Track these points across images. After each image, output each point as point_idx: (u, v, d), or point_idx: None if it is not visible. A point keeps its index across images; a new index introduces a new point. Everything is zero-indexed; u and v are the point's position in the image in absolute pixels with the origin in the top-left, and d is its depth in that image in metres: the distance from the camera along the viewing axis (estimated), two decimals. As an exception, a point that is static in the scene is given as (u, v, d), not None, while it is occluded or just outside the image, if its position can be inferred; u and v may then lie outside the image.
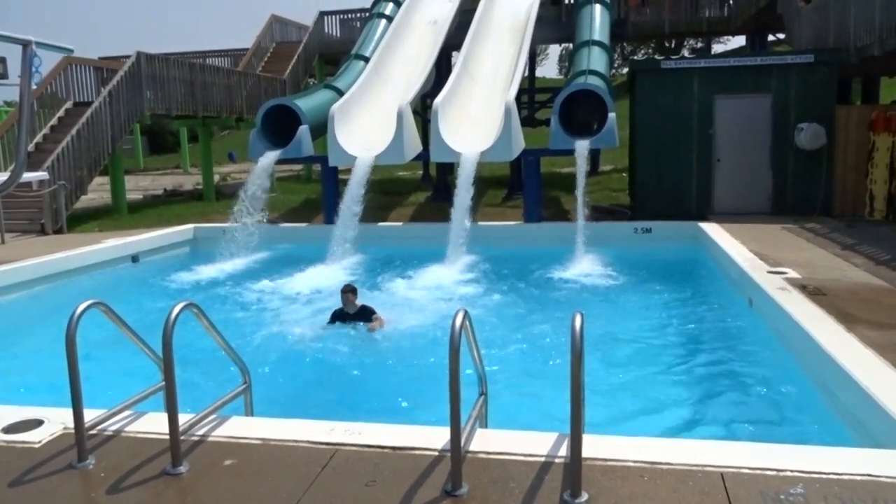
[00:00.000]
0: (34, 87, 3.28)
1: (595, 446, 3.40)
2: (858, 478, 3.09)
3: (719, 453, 3.33)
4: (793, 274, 7.41)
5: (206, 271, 10.93)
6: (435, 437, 3.58)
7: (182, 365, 4.03)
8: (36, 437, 3.87)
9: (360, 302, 7.53)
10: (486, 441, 3.56)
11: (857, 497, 2.95)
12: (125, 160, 18.78)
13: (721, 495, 3.00)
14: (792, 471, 3.14)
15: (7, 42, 3.23)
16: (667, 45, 43.69)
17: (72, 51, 3.98)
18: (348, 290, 7.48)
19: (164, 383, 4.01)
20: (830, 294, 6.50)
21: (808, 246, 9.33)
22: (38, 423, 4.05)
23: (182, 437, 3.56)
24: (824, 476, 3.10)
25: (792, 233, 10.40)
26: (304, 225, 14.00)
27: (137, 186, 22.90)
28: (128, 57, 16.92)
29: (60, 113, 16.24)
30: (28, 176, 3.51)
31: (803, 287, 6.76)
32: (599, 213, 13.50)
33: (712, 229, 10.59)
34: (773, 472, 3.15)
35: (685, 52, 44.34)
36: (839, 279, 7.21)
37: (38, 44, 3.30)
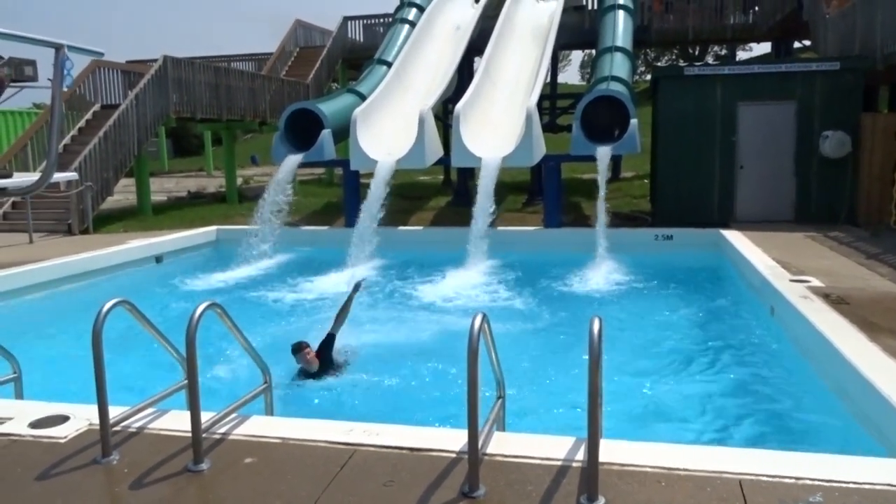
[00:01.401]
0: (65, 89, 3.37)
1: (612, 451, 3.40)
2: (879, 487, 3.06)
3: (738, 460, 3.32)
4: (816, 282, 7.34)
5: (229, 273, 11.05)
6: (453, 439, 3.60)
7: (203, 364, 4.11)
8: (62, 432, 3.95)
9: (314, 346, 6.12)
10: (503, 444, 3.57)
11: (877, 507, 2.93)
12: (150, 162, 19.04)
13: (739, 502, 2.99)
14: (811, 479, 3.12)
15: (40, 45, 3.30)
16: (690, 51, 43.48)
17: (102, 54, 4.06)
18: (299, 350, 5.97)
19: (186, 381, 4.09)
20: (854, 303, 6.43)
21: (831, 254, 9.23)
22: (64, 418, 4.13)
23: (204, 435, 3.61)
24: (844, 485, 3.08)
25: (815, 241, 10.30)
26: (325, 228, 14.10)
27: (162, 188, 23.20)
28: (154, 61, 17.18)
29: (88, 115, 16.53)
30: (58, 176, 3.61)
31: (826, 296, 6.69)
32: (620, 219, 13.45)
33: (734, 237, 10.51)
34: (792, 480, 3.13)
35: (709, 59, 44.08)
36: (863, 288, 7.13)
37: (70, 47, 3.38)
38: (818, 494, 3.02)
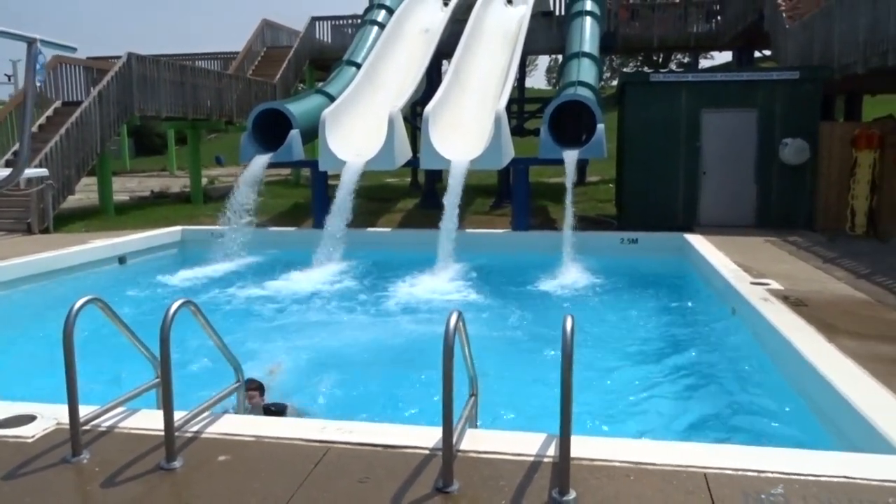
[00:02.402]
0: (38, 84, 3.34)
1: (583, 447, 3.48)
2: (836, 479, 3.19)
3: (703, 454, 3.43)
4: (775, 285, 7.55)
5: (194, 273, 10.93)
6: (427, 437, 3.64)
7: (174, 362, 4.07)
8: (29, 432, 3.89)
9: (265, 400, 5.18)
10: (476, 441, 3.63)
11: (834, 498, 3.05)
12: (112, 161, 18.69)
13: (704, 495, 3.09)
14: (773, 472, 3.24)
15: (13, 39, 3.27)
16: (655, 58, 44.20)
17: (75, 49, 4.02)
18: (252, 389, 5.05)
19: (159, 380, 4.07)
20: (812, 305, 6.64)
21: (790, 258, 9.50)
22: (30, 418, 4.07)
23: (176, 434, 3.59)
24: (803, 478, 3.20)
25: (775, 245, 10.58)
26: (293, 229, 14.03)
27: (124, 188, 22.81)
28: (118, 57, 16.90)
29: (49, 112, 16.18)
30: (30, 172, 3.56)
31: (785, 298, 6.90)
32: (586, 222, 13.64)
33: (697, 241, 10.74)
34: (755, 473, 3.24)
35: (672, 66, 44.89)
36: (820, 291, 7.36)
37: (43, 42, 3.35)
38: (779, 486, 3.14)
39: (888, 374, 4.55)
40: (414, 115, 17.49)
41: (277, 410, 4.98)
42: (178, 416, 3.72)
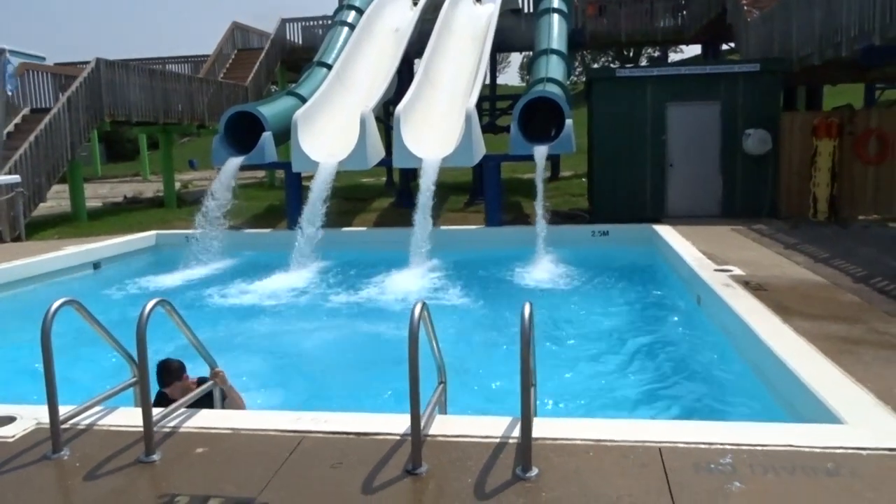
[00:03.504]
0: (10, 92, 3.43)
1: (546, 427, 3.66)
2: (781, 448, 3.40)
3: (658, 431, 3.62)
4: (738, 272, 7.80)
5: (170, 277, 10.98)
6: (397, 423, 3.80)
7: (150, 361, 4.18)
8: (9, 432, 3.98)
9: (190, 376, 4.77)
10: (444, 426, 3.79)
11: (779, 465, 3.26)
12: (83, 168, 18.59)
13: (658, 467, 3.28)
14: (722, 444, 3.44)
15: (-19, 50, 3.36)
16: (625, 53, 44.71)
17: (44, 58, 4.13)
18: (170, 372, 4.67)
19: (136, 378, 4.19)
20: (771, 290, 6.89)
21: (753, 246, 9.78)
22: (10, 419, 4.16)
23: (154, 429, 3.71)
24: (751, 447, 3.41)
25: (740, 234, 10.87)
26: (267, 231, 14.10)
27: (96, 194, 22.65)
28: (87, 63, 16.82)
29: (17, 120, 16.05)
30: (2, 179, 3.63)
31: (746, 283, 7.14)
32: (559, 217, 13.87)
33: (665, 231, 11.00)
34: (706, 446, 3.44)
35: (643, 61, 45.40)
36: (780, 276, 7.63)
37: (12, 52, 3.44)
38: (728, 456, 3.34)
39: (836, 352, 4.79)
40: (386, 114, 17.61)
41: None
42: (156, 412, 3.84)
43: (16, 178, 4.12)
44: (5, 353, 6.91)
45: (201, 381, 4.68)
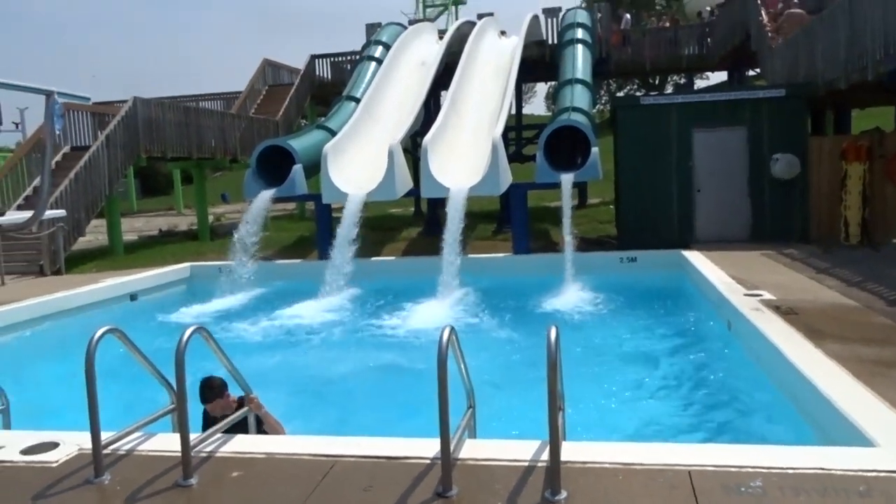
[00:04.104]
0: (57, 132, 3.64)
1: (574, 451, 3.69)
2: (812, 471, 3.39)
3: (687, 453, 3.63)
4: (768, 296, 7.76)
5: (204, 308, 11.20)
6: (427, 448, 3.85)
7: (188, 388, 4.30)
8: (53, 457, 4.12)
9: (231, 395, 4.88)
10: (474, 449, 3.84)
11: (810, 488, 3.25)
12: (119, 202, 19.11)
13: (687, 489, 3.29)
14: (752, 467, 3.44)
15: (33, 93, 3.59)
16: (650, 81, 44.75)
17: (89, 99, 4.36)
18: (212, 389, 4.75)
19: (174, 405, 4.31)
20: (802, 314, 6.84)
21: (784, 270, 9.71)
22: (54, 445, 4.30)
23: (191, 454, 3.82)
24: (781, 470, 3.40)
25: (770, 258, 10.79)
26: (298, 261, 14.31)
27: (132, 228, 23.20)
28: (124, 102, 17.39)
29: (58, 157, 16.61)
30: (50, 213, 3.85)
31: (777, 308, 7.10)
32: (587, 244, 13.89)
33: (694, 257, 10.96)
34: (736, 469, 3.44)
35: (669, 88, 45.38)
36: (812, 300, 7.57)
37: (60, 94, 3.67)
38: (758, 479, 3.34)
39: (868, 375, 4.75)
40: (413, 145, 17.87)
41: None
42: (193, 437, 3.95)
43: (61, 212, 4.38)
44: (48, 381, 7.11)
45: (241, 400, 4.76)
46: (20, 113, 35.33)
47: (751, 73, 25.40)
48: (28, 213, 3.58)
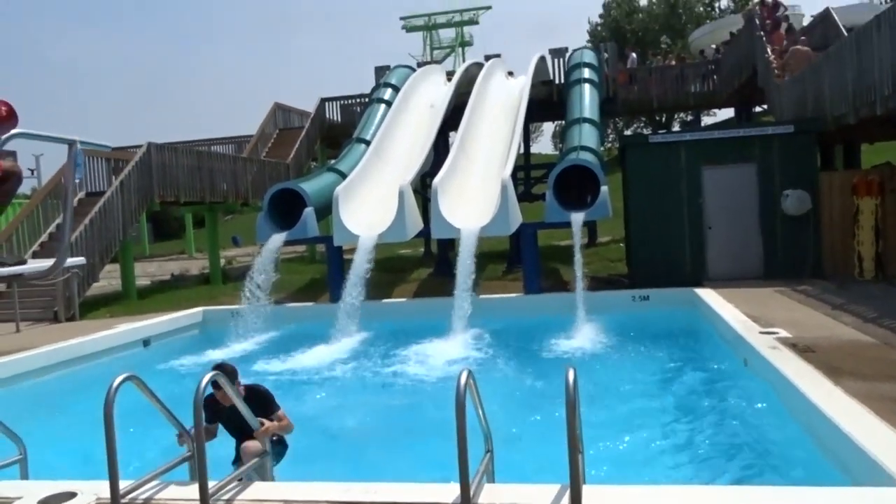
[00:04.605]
0: (77, 180, 3.70)
1: (595, 494, 3.64)
2: (839, 514, 3.33)
3: (709, 496, 3.58)
4: (784, 333, 7.70)
5: (217, 352, 11.19)
6: (446, 493, 3.81)
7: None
8: (71, 507, 4.11)
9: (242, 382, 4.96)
10: (493, 494, 3.80)
11: (837, 531, 3.19)
12: (132, 247, 19.27)
13: (712, 534, 3.24)
14: (777, 510, 3.39)
15: (56, 142, 3.67)
16: (657, 118, 45.14)
17: (109, 148, 4.43)
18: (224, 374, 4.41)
19: (191, 452, 4.30)
20: (819, 351, 6.78)
21: (799, 307, 9.64)
22: (71, 495, 4.28)
23: (209, 501, 3.80)
24: (807, 513, 3.35)
25: (784, 295, 10.73)
26: (310, 304, 14.34)
27: (145, 272, 23.35)
28: (138, 147, 17.66)
29: (74, 203, 16.81)
30: (70, 261, 3.91)
31: (794, 345, 7.04)
32: (598, 282, 13.87)
33: (707, 294, 10.92)
34: (760, 512, 3.39)
35: (676, 125, 45.73)
36: (828, 337, 7.50)
37: (82, 143, 3.75)
38: (784, 523, 3.29)
39: (890, 412, 4.69)
40: (423, 186, 18.02)
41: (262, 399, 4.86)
42: (211, 484, 3.93)
43: (81, 260, 4.45)
44: (65, 430, 7.10)
45: (249, 388, 4.88)
46: (35, 159, 35.92)
47: (758, 109, 25.59)
48: (49, 261, 3.63)
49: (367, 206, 14.10)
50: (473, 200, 13.74)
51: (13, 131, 3.54)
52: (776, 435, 5.65)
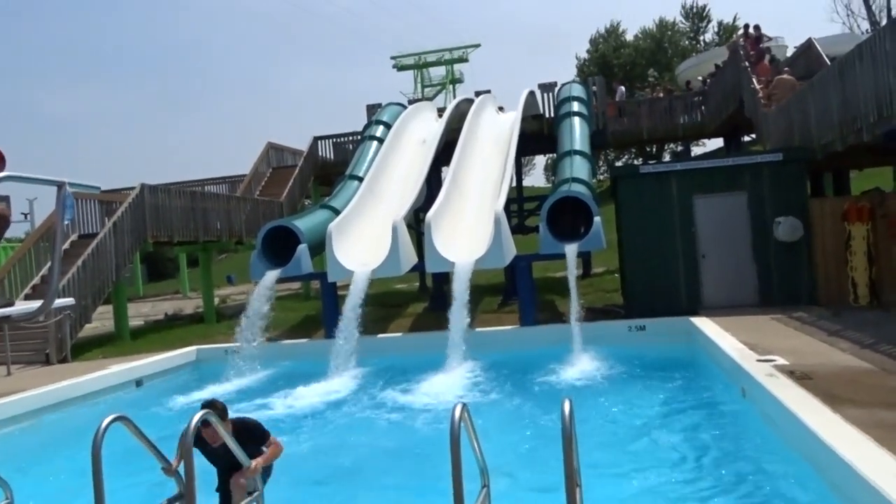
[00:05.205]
0: (67, 222, 3.69)
1: (594, 530, 3.57)
2: (843, 543, 3.27)
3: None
4: (781, 361, 7.66)
5: (210, 391, 11.05)
6: (442, 531, 3.74)
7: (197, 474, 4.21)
8: (58, 554, 4.00)
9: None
10: (491, 531, 3.72)
11: (842, 561, 3.13)
12: (126, 288, 19.18)
13: (714, 567, 3.17)
14: (780, 541, 3.32)
15: (44, 185, 3.65)
16: (648, 149, 45.54)
17: (98, 188, 4.42)
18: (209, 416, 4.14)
19: (182, 491, 4.21)
20: (817, 378, 6.74)
21: (795, 334, 9.61)
22: (58, 540, 4.19)
23: (200, 545, 3.71)
24: (811, 544, 3.28)
25: (780, 322, 10.70)
26: (304, 341, 14.24)
27: (139, 313, 23.20)
28: (131, 189, 17.68)
29: (66, 245, 16.79)
30: (59, 302, 3.86)
31: (791, 373, 7.00)
32: (594, 313, 13.83)
33: (703, 323, 10.89)
34: (763, 543, 3.32)
35: (666, 156, 46.13)
36: (826, 364, 7.46)
37: (71, 184, 3.74)
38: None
39: (891, 440, 4.63)
40: (417, 221, 18.05)
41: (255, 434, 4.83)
42: (202, 527, 3.85)
43: (70, 300, 4.38)
44: (54, 473, 6.97)
45: (237, 422, 4.78)
46: (29, 203, 35.94)
47: (746, 138, 25.86)
48: (37, 303, 3.59)
49: (361, 241, 14.10)
50: (467, 234, 13.77)
51: (1, 174, 3.53)
52: (776, 464, 5.58)
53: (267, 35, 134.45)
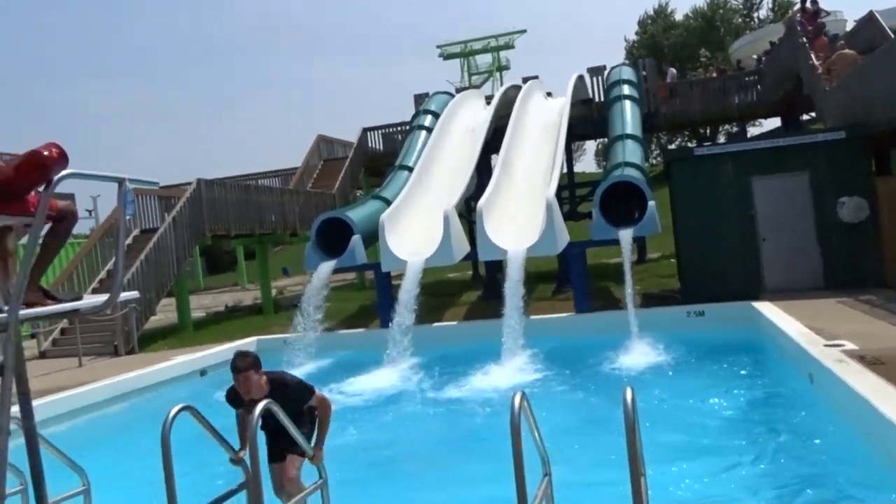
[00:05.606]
0: (128, 217, 3.80)
1: (660, 518, 3.52)
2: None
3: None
4: (850, 346, 7.41)
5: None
6: (505, 519, 3.74)
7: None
8: (134, 538, 4.16)
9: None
10: (554, 520, 3.71)
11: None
12: (187, 281, 19.73)
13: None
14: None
15: (105, 181, 3.75)
16: (702, 131, 44.40)
17: (157, 184, 4.51)
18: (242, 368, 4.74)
19: (247, 479, 4.32)
20: (889, 363, 6.49)
21: (863, 318, 9.29)
22: (133, 526, 4.35)
23: (268, 531, 3.80)
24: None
25: (846, 305, 10.35)
26: (361, 331, 14.41)
27: (199, 305, 23.84)
28: (188, 184, 18.14)
29: (129, 240, 17.34)
30: (125, 295, 4.00)
31: (861, 357, 6.76)
32: (650, 299, 13.62)
33: (765, 308, 10.61)
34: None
35: (721, 137, 44.90)
36: (897, 347, 7.18)
37: (131, 180, 3.83)
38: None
39: (972, 425, 4.44)
40: (468, 209, 18.04)
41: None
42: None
43: (135, 294, 4.55)
44: (127, 461, 7.24)
45: (274, 379, 4.86)
46: (93, 200, 37.20)
47: (806, 116, 24.99)
48: (104, 297, 3.71)
49: (413, 231, 14.17)
50: (519, 221, 13.69)
51: (64, 172, 3.63)
52: (850, 453, 5.41)
53: (312, 30, 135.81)
